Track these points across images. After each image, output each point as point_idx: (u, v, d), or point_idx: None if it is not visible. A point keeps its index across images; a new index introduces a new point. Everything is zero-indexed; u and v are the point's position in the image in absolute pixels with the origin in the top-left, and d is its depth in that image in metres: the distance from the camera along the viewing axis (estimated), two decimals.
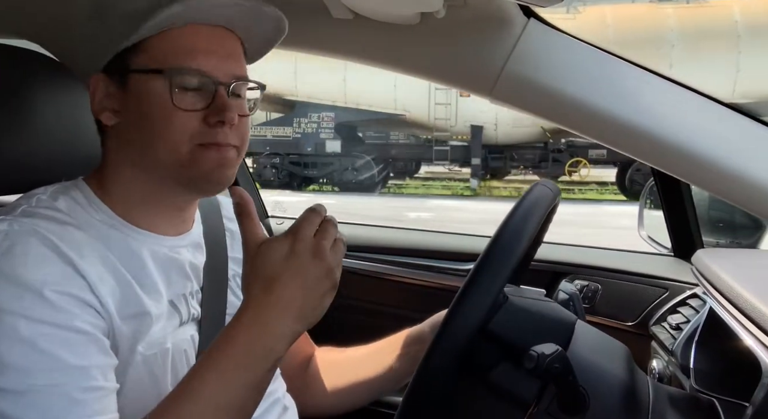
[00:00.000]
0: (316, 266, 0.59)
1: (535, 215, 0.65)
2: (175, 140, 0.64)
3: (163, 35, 0.63)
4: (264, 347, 0.59)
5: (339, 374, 0.88)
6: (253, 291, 0.60)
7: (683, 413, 0.68)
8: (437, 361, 0.59)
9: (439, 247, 1.45)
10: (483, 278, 0.61)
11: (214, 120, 0.64)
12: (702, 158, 0.83)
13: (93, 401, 0.56)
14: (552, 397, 0.61)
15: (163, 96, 0.63)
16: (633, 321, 1.23)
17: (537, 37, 0.88)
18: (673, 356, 0.92)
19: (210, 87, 0.64)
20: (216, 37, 0.65)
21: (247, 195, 0.62)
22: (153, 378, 0.63)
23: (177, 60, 0.63)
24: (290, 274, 0.59)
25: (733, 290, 0.73)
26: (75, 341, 0.57)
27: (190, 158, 0.64)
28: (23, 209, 0.63)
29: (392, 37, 0.92)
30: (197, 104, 0.64)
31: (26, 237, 0.58)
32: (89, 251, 0.61)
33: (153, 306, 0.64)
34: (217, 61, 0.65)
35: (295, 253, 0.59)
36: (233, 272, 0.77)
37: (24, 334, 0.54)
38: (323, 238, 0.60)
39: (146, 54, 0.64)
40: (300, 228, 0.60)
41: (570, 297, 0.88)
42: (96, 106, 0.66)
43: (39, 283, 0.56)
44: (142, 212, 0.68)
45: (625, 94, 0.87)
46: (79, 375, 0.56)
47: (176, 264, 0.70)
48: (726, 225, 1.44)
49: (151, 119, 0.64)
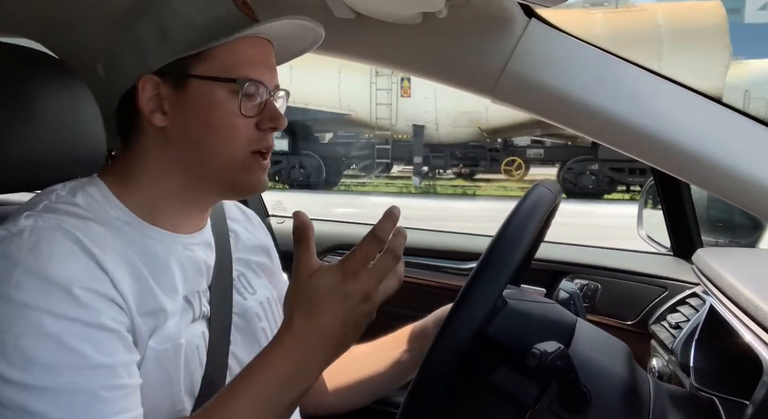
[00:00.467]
0: (362, 308, 0.60)
1: (534, 218, 0.65)
2: (235, 146, 0.67)
3: (227, 45, 0.66)
4: (302, 371, 0.60)
5: (343, 371, 0.88)
6: (296, 316, 0.61)
7: (684, 411, 0.68)
8: (438, 362, 0.59)
9: (441, 246, 1.46)
10: (483, 281, 0.61)
11: (267, 126, 0.68)
12: (702, 158, 0.84)
13: (119, 399, 0.56)
14: (554, 395, 0.61)
15: (228, 103, 0.66)
16: (633, 320, 1.24)
17: (538, 37, 0.88)
18: (673, 354, 0.92)
19: (263, 95, 0.68)
20: (267, 49, 0.70)
21: (308, 221, 0.63)
22: (164, 374, 0.63)
23: (242, 70, 0.66)
24: (336, 308, 0.60)
25: (735, 289, 0.73)
26: (101, 338, 0.57)
27: (243, 164, 0.68)
28: (45, 205, 0.63)
29: (394, 36, 0.92)
30: (252, 111, 0.67)
31: (51, 233, 0.59)
32: (110, 246, 0.62)
33: (168, 303, 0.64)
34: (268, 71, 0.69)
35: (344, 293, 0.60)
36: (238, 273, 0.78)
37: (50, 330, 0.55)
38: (375, 277, 0.60)
39: (212, 62, 0.66)
40: (354, 262, 0.60)
41: (570, 296, 0.89)
42: (149, 107, 0.67)
43: (66, 280, 0.56)
44: (164, 211, 0.69)
45: (625, 94, 0.87)
46: (106, 372, 0.56)
47: (192, 261, 0.71)
48: (725, 225, 1.44)
49: (214, 124, 0.66)
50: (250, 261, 0.81)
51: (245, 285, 0.78)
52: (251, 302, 0.77)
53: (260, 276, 0.82)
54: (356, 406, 0.90)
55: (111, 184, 0.68)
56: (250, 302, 0.77)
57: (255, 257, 0.82)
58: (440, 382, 0.59)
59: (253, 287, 0.79)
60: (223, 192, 0.71)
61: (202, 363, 0.68)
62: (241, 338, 0.74)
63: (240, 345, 0.73)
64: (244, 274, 0.79)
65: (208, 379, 0.67)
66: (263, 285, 0.81)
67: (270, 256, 0.86)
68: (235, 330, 0.73)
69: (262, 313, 0.78)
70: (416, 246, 1.44)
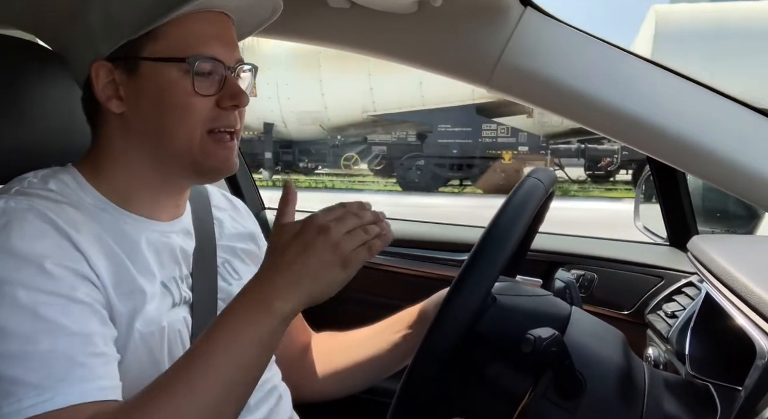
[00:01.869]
0: (321, 242, 0.60)
1: (526, 210, 0.65)
2: (192, 127, 0.66)
3: (176, 23, 0.64)
4: (271, 303, 0.59)
5: (342, 355, 0.88)
6: (266, 258, 0.63)
7: (679, 397, 0.68)
8: (430, 355, 0.59)
9: (435, 238, 1.46)
10: (470, 279, 0.61)
11: (228, 104, 0.66)
12: (698, 147, 0.83)
13: (97, 365, 0.56)
14: (548, 382, 0.62)
15: (181, 83, 0.64)
16: (629, 310, 1.24)
17: (533, 26, 0.88)
18: (669, 343, 0.92)
19: (220, 72, 0.66)
20: (222, 23, 0.67)
21: (295, 191, 0.65)
22: (151, 356, 0.64)
23: (194, 47, 0.65)
24: (296, 246, 0.60)
25: (729, 275, 0.74)
26: (75, 310, 0.57)
27: (200, 148, 0.66)
28: (17, 189, 0.63)
29: (389, 26, 0.92)
30: (210, 89, 0.66)
31: (23, 213, 0.59)
32: (85, 228, 0.61)
33: (147, 285, 0.64)
34: (225, 46, 0.67)
35: (302, 230, 0.61)
36: (222, 260, 0.78)
37: (24, 302, 0.55)
38: (334, 221, 0.61)
39: (161, 42, 0.64)
40: (315, 214, 0.62)
41: (567, 286, 0.89)
42: (104, 94, 0.66)
43: (37, 256, 0.56)
44: (138, 197, 0.69)
45: (621, 83, 0.87)
46: (82, 340, 0.56)
47: (167, 248, 0.70)
48: (721, 214, 1.44)
49: (170, 105, 0.65)
50: (236, 248, 0.81)
51: (230, 271, 0.79)
52: (236, 288, 0.76)
53: (247, 263, 0.82)
54: (354, 391, 0.90)
55: (84, 172, 0.68)
56: (234, 287, 0.77)
57: (241, 244, 0.82)
58: (432, 377, 0.59)
59: (238, 273, 0.79)
60: (191, 176, 0.70)
61: (185, 348, 0.67)
62: None
63: None
64: (228, 261, 0.79)
65: None
66: (250, 271, 0.80)
67: (257, 243, 0.85)
68: None
69: None
70: (410, 238, 1.44)
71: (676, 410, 0.66)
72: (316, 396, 0.89)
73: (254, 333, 0.59)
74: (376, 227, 0.62)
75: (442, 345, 0.59)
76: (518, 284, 0.82)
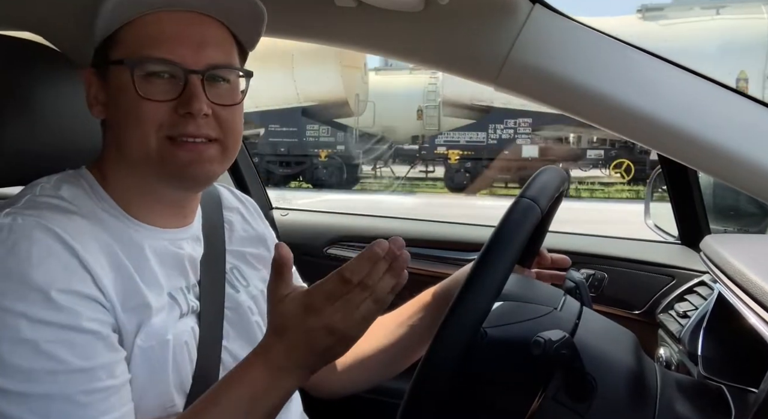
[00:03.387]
0: (328, 340, 0.59)
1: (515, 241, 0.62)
2: (143, 132, 0.63)
3: (133, 25, 0.64)
4: (271, 389, 0.61)
5: (366, 344, 0.85)
6: (269, 335, 0.62)
7: (691, 399, 0.67)
8: (439, 359, 0.58)
9: (444, 237, 1.45)
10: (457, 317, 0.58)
11: (181, 111, 0.63)
12: (711, 145, 0.82)
13: (98, 402, 0.56)
14: (559, 384, 0.61)
15: (128, 86, 0.62)
16: (640, 310, 1.23)
17: (542, 23, 0.87)
18: (681, 343, 0.91)
19: (180, 76, 0.63)
20: (185, 23, 0.64)
21: (288, 254, 0.60)
22: (152, 371, 0.63)
23: (141, 50, 0.63)
24: (299, 337, 0.59)
25: (743, 275, 0.72)
26: (79, 341, 0.56)
27: (158, 152, 0.63)
28: (27, 200, 0.63)
29: (396, 25, 0.91)
30: (168, 94, 0.63)
31: (29, 232, 0.58)
32: (93, 241, 0.61)
33: (153, 299, 0.64)
34: (187, 48, 0.63)
35: (306, 326, 0.59)
36: (231, 265, 0.77)
37: (26, 336, 0.54)
38: (341, 312, 0.58)
39: (120, 46, 0.64)
40: (317, 298, 0.58)
41: (577, 285, 0.88)
42: (90, 100, 0.67)
43: (44, 282, 0.55)
44: (141, 205, 0.68)
45: (631, 80, 0.86)
46: (83, 377, 0.56)
47: (175, 258, 0.69)
48: (733, 213, 1.43)
49: (122, 110, 0.64)
50: (245, 253, 0.80)
51: (237, 278, 0.77)
52: (243, 296, 0.76)
53: (256, 268, 0.81)
54: (372, 383, 0.89)
55: (97, 175, 0.68)
56: (242, 295, 0.76)
57: (251, 249, 0.81)
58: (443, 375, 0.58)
59: (246, 280, 0.78)
60: (167, 184, 0.67)
61: (192, 360, 0.67)
62: (234, 332, 0.73)
63: (233, 340, 0.72)
64: (237, 267, 0.78)
65: (199, 375, 0.67)
66: (259, 277, 0.80)
67: (268, 247, 0.84)
68: (228, 324, 0.72)
69: (255, 307, 0.77)
70: (420, 237, 1.43)
71: (688, 412, 0.65)
72: (333, 390, 0.87)
73: (260, 408, 0.61)
74: (389, 280, 0.59)
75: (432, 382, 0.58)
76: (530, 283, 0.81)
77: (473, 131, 12.39)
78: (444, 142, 12.69)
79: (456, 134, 12.64)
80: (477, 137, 12.34)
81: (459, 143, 12.49)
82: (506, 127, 12.05)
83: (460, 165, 12.40)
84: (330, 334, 0.58)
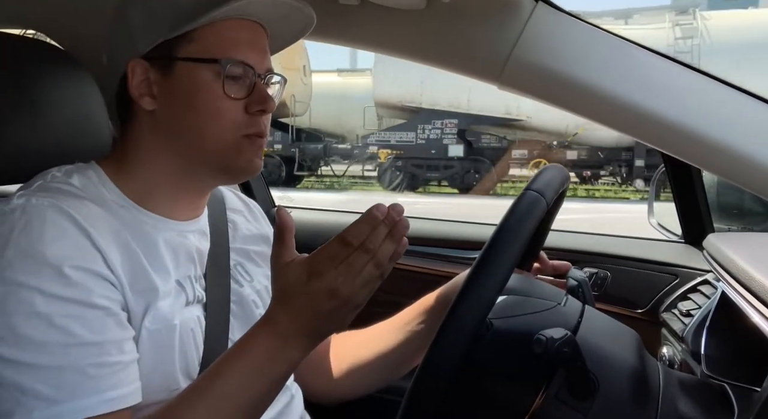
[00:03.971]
0: (331, 304, 0.59)
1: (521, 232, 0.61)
2: (222, 128, 0.67)
3: (212, 27, 0.66)
4: (274, 359, 0.61)
5: (362, 351, 0.87)
6: (272, 304, 0.62)
7: (694, 398, 0.67)
8: (440, 358, 0.58)
9: (446, 235, 1.45)
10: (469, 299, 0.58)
11: (256, 109, 0.68)
12: (714, 143, 0.82)
13: (107, 376, 0.57)
14: (561, 383, 0.61)
15: (213, 85, 0.66)
16: (643, 308, 1.23)
17: (545, 21, 0.86)
18: (684, 342, 0.91)
19: (251, 78, 0.68)
20: (255, 31, 0.69)
21: (290, 221, 0.62)
22: (158, 354, 0.64)
23: (227, 51, 0.66)
24: (303, 302, 0.59)
25: (746, 274, 0.72)
26: (91, 316, 0.58)
27: (235, 147, 0.67)
28: (39, 185, 0.65)
29: (398, 22, 0.91)
30: (240, 93, 0.67)
31: (43, 211, 0.59)
32: (104, 225, 0.62)
33: (161, 283, 0.65)
34: (257, 54, 0.69)
35: (308, 290, 0.59)
36: (235, 262, 0.79)
37: (40, 309, 0.55)
38: (343, 276, 0.58)
39: (196, 44, 0.66)
40: (319, 262, 0.59)
41: (579, 284, 0.87)
42: (135, 90, 0.68)
43: (56, 259, 0.57)
44: (159, 196, 0.70)
45: (635, 79, 0.85)
46: (94, 350, 0.57)
47: (184, 247, 0.71)
48: (737, 211, 1.42)
49: (201, 106, 0.66)
50: (248, 251, 0.82)
51: (242, 273, 0.79)
52: (247, 290, 0.78)
53: (260, 265, 0.82)
54: (370, 390, 0.89)
55: (107, 169, 0.69)
56: (246, 289, 0.77)
57: (254, 247, 0.83)
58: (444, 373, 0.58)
59: (250, 276, 0.80)
60: (216, 176, 0.71)
61: (198, 347, 0.68)
62: (238, 325, 0.74)
63: (238, 332, 0.73)
64: (241, 263, 0.80)
65: (206, 364, 0.68)
66: (262, 274, 0.82)
67: (270, 245, 0.85)
68: (233, 317, 0.74)
69: (259, 300, 0.78)
70: (420, 235, 1.43)
71: (691, 411, 0.65)
72: (332, 397, 0.89)
73: (265, 379, 0.61)
74: (389, 245, 0.59)
75: (437, 373, 0.58)
76: (530, 284, 0.80)
77: (403, 131, 12.55)
78: (375, 141, 12.85)
79: (387, 134, 12.78)
80: (406, 136, 12.53)
81: (389, 143, 12.67)
82: (434, 127, 12.22)
83: (391, 164, 12.54)
84: (333, 297, 0.58)
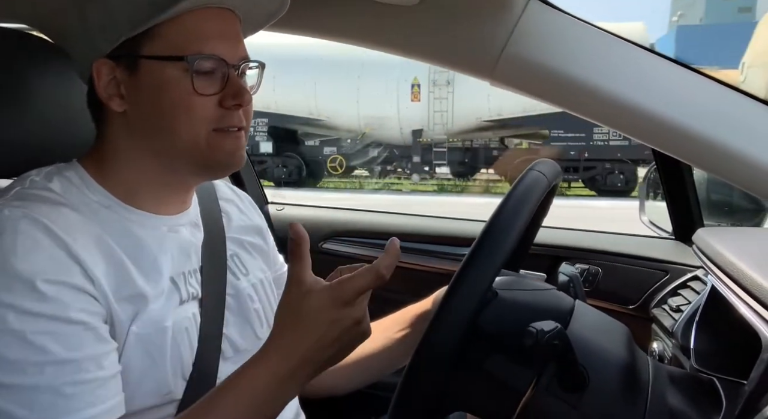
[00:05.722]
0: (354, 331, 0.59)
1: (527, 203, 0.63)
2: (195, 126, 0.64)
3: (177, 21, 0.63)
4: (283, 387, 0.60)
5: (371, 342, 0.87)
6: (285, 332, 0.60)
7: (683, 391, 0.68)
8: (430, 350, 0.59)
9: (437, 232, 1.45)
10: (474, 269, 0.60)
11: (231, 103, 0.65)
12: (704, 139, 0.82)
13: (84, 393, 0.56)
14: (552, 375, 0.61)
15: (181, 82, 0.63)
16: (634, 304, 1.23)
17: (538, 18, 0.87)
18: (674, 337, 0.92)
19: (223, 70, 0.65)
20: (224, 20, 0.66)
21: (304, 233, 0.60)
22: (148, 357, 0.62)
23: (195, 45, 0.63)
24: (325, 331, 0.59)
25: (735, 267, 0.73)
26: (67, 332, 0.56)
27: (207, 143, 0.65)
28: (16, 192, 0.62)
29: (391, 18, 0.91)
30: (213, 88, 0.64)
31: (15, 223, 0.57)
32: (83, 233, 0.60)
33: (149, 287, 0.63)
34: (228, 43, 0.66)
35: (334, 318, 0.58)
36: (231, 252, 0.77)
37: (13, 327, 0.54)
38: (361, 305, 0.59)
39: (160, 40, 0.63)
40: (350, 293, 0.58)
41: (570, 280, 0.88)
42: (102, 92, 0.65)
43: (29, 273, 0.55)
44: (144, 193, 0.68)
45: (627, 75, 0.86)
46: (70, 368, 0.55)
47: (176, 242, 0.70)
48: (727, 208, 1.43)
49: (170, 105, 0.64)
50: (243, 241, 0.81)
51: (238, 265, 0.78)
52: (244, 284, 0.76)
53: (255, 257, 0.81)
54: (360, 386, 0.90)
55: (90, 168, 0.67)
56: (242, 283, 0.76)
57: (248, 238, 0.82)
58: (433, 372, 0.59)
59: (246, 268, 0.78)
60: (198, 172, 0.69)
61: (193, 346, 0.67)
62: (233, 319, 0.73)
63: (232, 327, 0.72)
64: (237, 254, 0.78)
65: (200, 361, 0.67)
66: (257, 267, 0.81)
67: (264, 238, 0.85)
68: (228, 311, 0.73)
69: (255, 295, 0.77)
70: (413, 232, 1.44)
71: (680, 404, 0.65)
72: (323, 392, 0.88)
73: (275, 402, 0.60)
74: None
75: (442, 341, 0.59)
76: (521, 278, 0.81)
77: None
78: None
79: None
80: None
81: None
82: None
83: None
84: (356, 325, 0.59)
